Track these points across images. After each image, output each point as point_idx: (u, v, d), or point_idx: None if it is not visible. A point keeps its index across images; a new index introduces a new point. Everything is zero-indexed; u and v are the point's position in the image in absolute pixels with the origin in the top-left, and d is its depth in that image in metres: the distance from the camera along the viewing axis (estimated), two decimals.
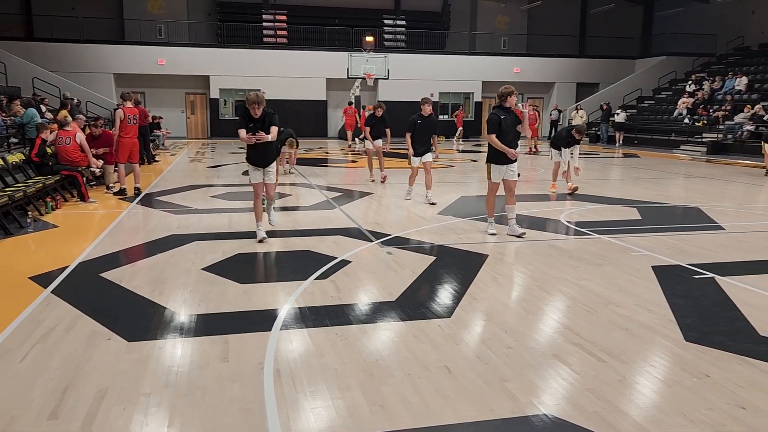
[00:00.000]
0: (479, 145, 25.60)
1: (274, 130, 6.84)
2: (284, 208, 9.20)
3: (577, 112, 24.81)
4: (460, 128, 25.99)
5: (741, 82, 24.32)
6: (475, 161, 18.70)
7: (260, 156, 6.89)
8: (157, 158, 17.46)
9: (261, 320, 4.43)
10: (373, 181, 12.74)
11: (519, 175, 8.59)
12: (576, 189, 10.92)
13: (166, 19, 28.72)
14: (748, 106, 21.92)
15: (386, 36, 31.25)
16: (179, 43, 27.85)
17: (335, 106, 29.18)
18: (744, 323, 4.41)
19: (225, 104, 28.77)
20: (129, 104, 10.35)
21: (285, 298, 4.94)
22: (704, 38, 30.07)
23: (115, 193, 10.51)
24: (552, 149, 11.53)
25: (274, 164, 7.06)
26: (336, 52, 28.23)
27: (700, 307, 4.78)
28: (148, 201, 9.99)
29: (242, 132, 6.75)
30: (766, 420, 3.04)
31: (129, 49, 26.84)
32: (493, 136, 7.13)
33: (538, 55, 31.06)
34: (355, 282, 5.42)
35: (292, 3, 30.38)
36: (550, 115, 28.45)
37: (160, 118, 23.95)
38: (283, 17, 30.56)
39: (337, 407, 3.15)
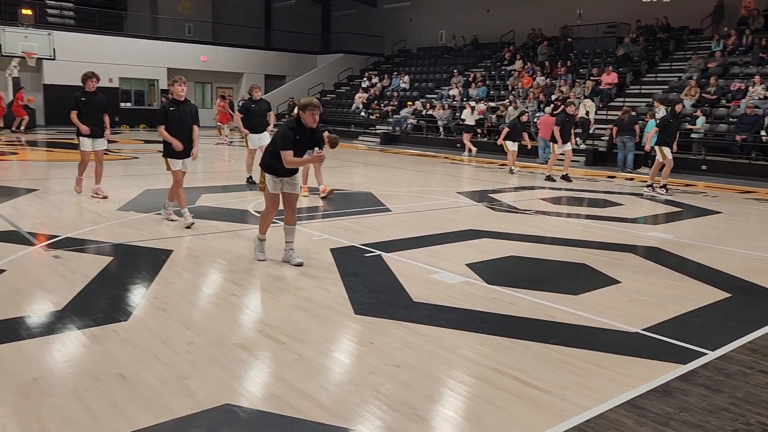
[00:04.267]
0: None
1: None
2: None
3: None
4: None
5: (404, 80, 27.79)
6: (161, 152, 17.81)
7: None
8: None
9: None
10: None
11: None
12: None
13: None
14: (410, 102, 25.19)
15: (50, 11, 27.62)
16: None
17: None
18: (402, 292, 5.06)
19: None
20: None
21: None
22: (374, 39, 33.54)
23: None
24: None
25: None
26: None
27: (369, 282, 5.34)
28: None
29: None
30: (415, 373, 3.54)
31: None
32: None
33: (226, 45, 30.90)
34: (11, 294, 4.69)
35: None
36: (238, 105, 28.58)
37: None
38: None
39: None
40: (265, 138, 10.78)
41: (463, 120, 19.84)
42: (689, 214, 9.60)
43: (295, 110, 5.54)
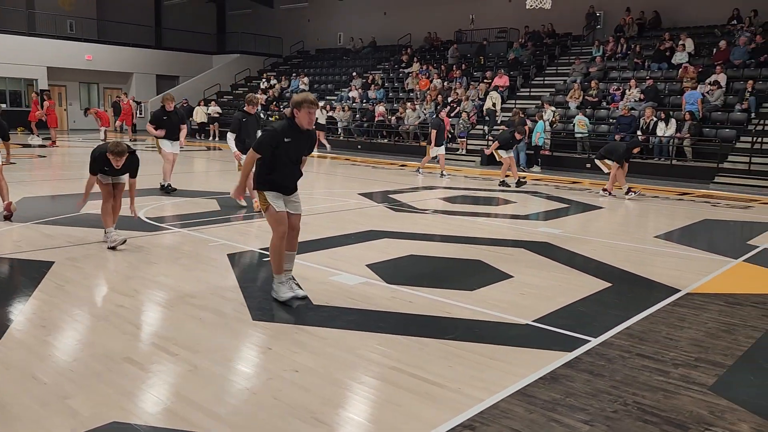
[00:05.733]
0: (48, 139, 22.81)
1: None
2: None
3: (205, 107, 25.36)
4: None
5: (303, 82, 27.59)
6: (43, 156, 16.67)
7: None
8: None
9: None
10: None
11: None
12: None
13: None
14: None
15: None
16: None
17: None
18: None
19: None
20: None
21: None
22: (272, 40, 33.09)
23: None
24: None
25: None
26: None
27: (268, 287, 5.22)
28: None
29: None
30: (314, 376, 3.51)
31: None
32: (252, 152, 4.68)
33: (113, 43, 29.34)
34: None
35: None
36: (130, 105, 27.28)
37: None
38: None
39: None
40: (177, 146, 10.38)
41: (317, 119, 20.78)
42: (575, 210, 10.19)
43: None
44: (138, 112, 27.19)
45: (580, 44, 23.04)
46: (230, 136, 8.95)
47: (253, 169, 4.79)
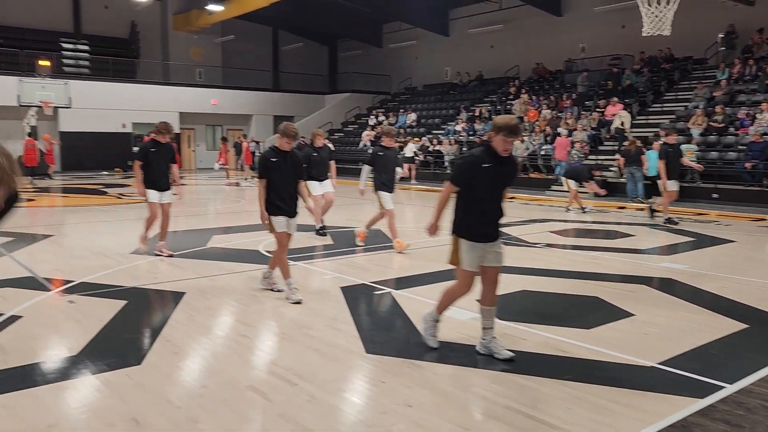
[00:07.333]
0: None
1: None
2: None
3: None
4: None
5: (411, 117, 28.11)
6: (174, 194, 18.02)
7: None
8: None
9: None
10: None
11: None
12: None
13: None
14: (416, 138, 25.43)
15: (66, 61, 28.37)
16: None
17: (4, 137, 25.31)
18: (413, 330, 5.04)
19: None
20: None
21: None
22: (381, 78, 34.11)
23: None
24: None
25: None
26: (2, 76, 24.57)
27: (380, 320, 5.34)
28: None
29: None
30: (427, 412, 3.51)
31: None
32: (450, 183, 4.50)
33: (235, 88, 31.52)
34: (26, 340, 4.73)
35: None
36: (249, 146, 29.04)
37: None
38: None
39: None
40: (327, 184, 10.25)
41: (404, 153, 22.82)
42: (702, 244, 9.52)
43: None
44: (257, 151, 28.81)
45: (702, 68, 21.79)
46: (366, 169, 8.83)
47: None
